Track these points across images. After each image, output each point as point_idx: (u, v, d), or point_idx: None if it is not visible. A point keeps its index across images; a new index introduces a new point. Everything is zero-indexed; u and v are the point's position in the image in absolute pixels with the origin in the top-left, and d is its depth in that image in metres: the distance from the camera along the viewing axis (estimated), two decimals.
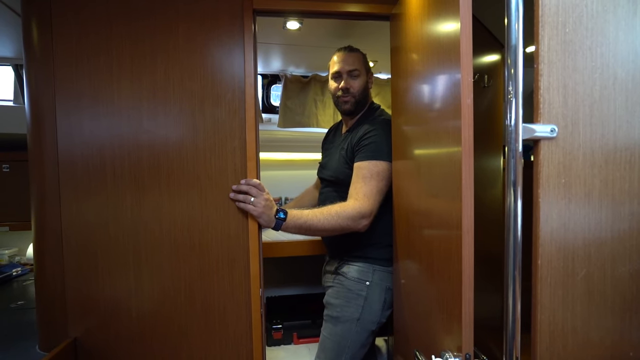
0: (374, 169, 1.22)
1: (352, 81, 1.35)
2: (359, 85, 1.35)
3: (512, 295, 0.68)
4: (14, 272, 1.94)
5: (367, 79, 1.39)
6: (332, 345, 1.30)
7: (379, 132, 1.26)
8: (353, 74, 1.35)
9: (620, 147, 0.67)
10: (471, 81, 0.74)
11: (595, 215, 0.66)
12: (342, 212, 1.17)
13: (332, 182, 1.40)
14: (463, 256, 0.74)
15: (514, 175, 0.65)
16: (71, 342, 1.13)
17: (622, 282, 0.67)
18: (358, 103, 1.37)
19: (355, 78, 1.35)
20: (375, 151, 1.23)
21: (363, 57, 1.39)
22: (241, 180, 1.17)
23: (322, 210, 1.19)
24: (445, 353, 0.80)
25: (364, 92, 1.38)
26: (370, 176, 1.21)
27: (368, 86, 1.39)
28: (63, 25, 1.12)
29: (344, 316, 1.30)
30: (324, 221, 1.16)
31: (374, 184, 1.21)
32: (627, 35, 0.65)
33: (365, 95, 1.39)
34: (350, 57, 1.36)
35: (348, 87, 1.34)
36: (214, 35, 1.17)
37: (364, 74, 1.37)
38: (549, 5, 0.64)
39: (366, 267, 1.31)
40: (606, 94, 0.66)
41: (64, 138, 1.14)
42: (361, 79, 1.36)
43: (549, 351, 0.66)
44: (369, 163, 1.23)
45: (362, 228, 1.20)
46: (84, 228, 1.15)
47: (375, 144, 1.24)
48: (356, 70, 1.35)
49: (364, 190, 1.20)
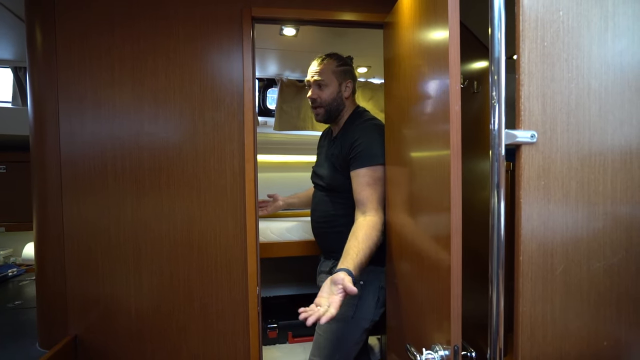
0: (375, 174, 1.24)
1: (319, 91, 1.36)
2: (327, 95, 1.36)
3: (495, 291, 0.72)
4: (10, 273, 1.94)
5: (338, 87, 1.38)
6: (326, 343, 1.33)
7: (369, 136, 1.28)
8: (319, 83, 1.36)
9: (595, 151, 0.72)
10: (459, 89, 0.78)
11: (572, 214, 0.71)
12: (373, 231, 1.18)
13: (324, 188, 1.43)
14: (452, 254, 0.78)
15: (497, 178, 0.69)
16: (71, 339, 1.16)
17: (597, 276, 0.72)
18: (329, 112, 1.38)
19: (322, 88, 1.36)
20: (371, 156, 1.25)
21: (337, 64, 1.38)
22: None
23: (363, 240, 1.15)
24: (435, 346, 0.84)
25: (335, 101, 1.37)
26: (374, 182, 1.24)
27: (341, 95, 1.38)
28: (66, 30, 1.15)
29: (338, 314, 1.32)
30: (374, 248, 1.17)
31: (380, 191, 1.24)
32: (599, 49, 0.71)
33: (337, 104, 1.38)
34: (319, 67, 1.37)
35: (315, 97, 1.37)
36: (214, 40, 1.21)
37: (333, 82, 1.36)
38: (528, 20, 0.69)
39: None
40: (581, 103, 0.71)
41: (66, 140, 1.16)
42: (329, 88, 1.36)
43: (530, 341, 0.71)
44: (368, 170, 1.25)
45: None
46: (85, 228, 1.18)
47: (369, 149, 1.26)
48: (322, 81, 1.35)
49: (376, 198, 1.23)
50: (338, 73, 1.38)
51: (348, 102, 1.41)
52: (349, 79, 1.41)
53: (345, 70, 1.40)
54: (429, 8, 0.89)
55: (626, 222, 0.73)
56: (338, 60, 1.40)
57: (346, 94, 1.39)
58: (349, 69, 1.42)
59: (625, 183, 0.73)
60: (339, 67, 1.38)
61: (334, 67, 1.38)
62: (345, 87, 1.39)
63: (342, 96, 1.39)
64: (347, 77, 1.40)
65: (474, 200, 1.34)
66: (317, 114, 1.41)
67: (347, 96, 1.40)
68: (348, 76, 1.40)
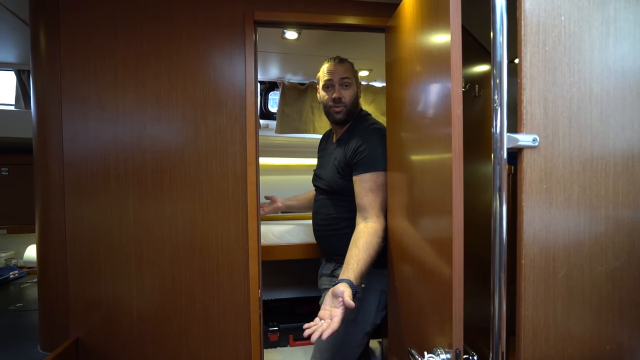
0: (378, 180, 1.25)
1: (344, 91, 1.37)
2: (351, 95, 1.37)
3: (498, 294, 0.72)
4: (11, 275, 1.95)
5: (357, 88, 1.42)
6: (326, 346, 1.33)
7: (373, 142, 1.29)
8: (345, 82, 1.36)
9: (597, 155, 0.72)
10: (461, 92, 0.79)
11: (574, 218, 0.72)
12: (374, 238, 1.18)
13: (326, 191, 1.43)
14: (453, 257, 0.78)
15: (499, 181, 0.70)
16: (73, 342, 1.16)
17: (599, 280, 0.72)
18: (349, 113, 1.38)
19: (347, 87, 1.37)
20: (374, 162, 1.26)
21: (352, 67, 1.41)
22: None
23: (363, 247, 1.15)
24: (437, 349, 0.84)
25: (355, 101, 1.40)
26: (377, 188, 1.25)
27: (358, 96, 1.43)
28: (69, 33, 1.16)
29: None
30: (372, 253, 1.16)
31: (383, 196, 1.24)
32: (601, 54, 0.71)
33: (356, 105, 1.41)
34: (342, 67, 1.37)
35: (340, 97, 1.35)
36: (216, 43, 1.22)
37: (354, 83, 1.40)
38: (530, 25, 0.69)
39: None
40: (583, 107, 0.71)
41: (69, 142, 1.17)
42: (352, 88, 1.38)
43: (532, 344, 0.71)
44: (371, 175, 1.25)
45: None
46: (88, 230, 1.18)
47: (372, 155, 1.27)
48: (348, 79, 1.36)
49: (378, 204, 1.24)
50: (356, 74, 1.43)
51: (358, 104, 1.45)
52: (360, 82, 1.46)
53: (357, 74, 1.45)
54: (430, 12, 0.89)
55: (628, 226, 0.73)
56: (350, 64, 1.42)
57: (359, 95, 1.44)
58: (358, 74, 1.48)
59: (627, 187, 0.73)
60: (354, 69, 1.43)
61: (352, 68, 1.41)
62: (360, 89, 1.44)
63: (359, 97, 1.43)
64: (359, 80, 1.45)
65: (476, 203, 1.34)
66: (338, 113, 1.38)
67: (359, 97, 1.44)
68: (359, 80, 1.46)
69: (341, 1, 1.30)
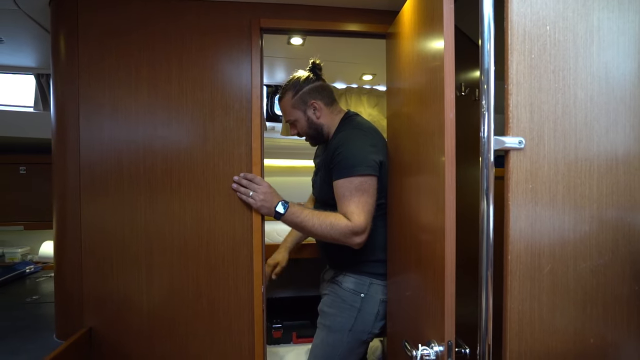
0: (350, 185, 1.21)
1: (294, 129, 1.43)
2: (302, 127, 1.40)
3: (485, 289, 0.76)
4: (27, 270, 2.03)
5: (305, 116, 1.38)
6: (322, 354, 1.35)
7: (347, 145, 1.26)
8: (289, 121, 1.42)
9: (581, 157, 0.76)
10: (453, 97, 0.83)
11: (558, 217, 0.75)
12: (336, 225, 1.19)
13: (318, 200, 1.46)
14: (446, 254, 0.82)
15: (487, 182, 0.74)
16: (87, 332, 1.22)
17: (583, 276, 0.76)
18: (315, 138, 1.42)
19: (294, 124, 1.41)
20: (346, 168, 1.22)
21: (292, 96, 1.38)
22: (240, 173, 1.26)
23: (320, 215, 1.23)
24: (430, 342, 0.88)
25: (310, 128, 1.39)
26: (349, 193, 1.21)
27: (312, 120, 1.38)
28: (88, 41, 1.23)
29: (336, 326, 1.32)
30: (317, 227, 1.21)
31: (356, 200, 1.20)
32: (585, 61, 0.75)
33: (314, 128, 1.39)
34: (282, 108, 1.43)
35: (294, 133, 1.44)
36: (224, 50, 1.28)
37: (298, 115, 1.38)
38: (516, 34, 0.74)
39: (362, 279, 1.33)
40: (568, 111, 0.75)
41: (86, 145, 1.24)
42: (299, 122, 1.39)
43: (518, 337, 0.75)
44: (344, 181, 1.22)
45: (357, 245, 1.21)
46: (102, 227, 1.25)
47: (345, 160, 1.23)
48: (289, 119, 1.41)
49: (351, 208, 1.20)
50: (297, 104, 1.38)
51: (325, 118, 1.39)
52: (311, 99, 1.37)
53: (303, 95, 1.37)
54: (426, 20, 0.94)
55: (612, 225, 0.77)
56: (291, 91, 1.38)
57: (317, 115, 1.38)
58: (307, 89, 1.37)
59: (610, 187, 0.76)
60: (294, 97, 1.38)
61: (290, 102, 1.38)
62: (313, 110, 1.38)
63: (314, 120, 1.38)
64: (309, 99, 1.37)
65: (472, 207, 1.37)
66: (307, 140, 1.46)
67: (318, 117, 1.38)
68: (309, 97, 1.37)
69: (344, 9, 1.35)
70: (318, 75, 1.42)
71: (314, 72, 1.41)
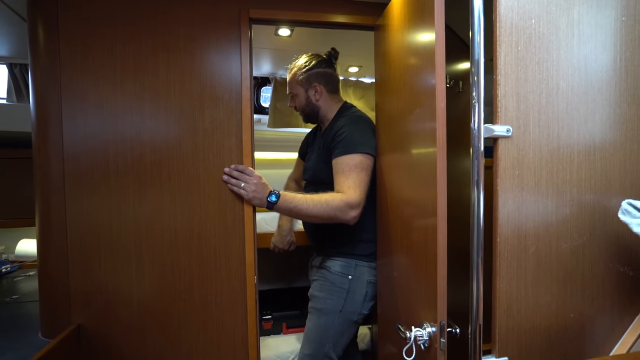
0: (351, 162, 1.26)
1: (293, 101, 1.51)
2: (299, 103, 1.48)
3: (475, 271, 0.81)
4: (3, 269, 1.95)
5: (305, 94, 1.45)
6: (315, 336, 1.38)
7: (350, 127, 1.32)
8: (291, 93, 1.50)
9: (563, 144, 0.81)
10: (444, 87, 0.86)
11: (542, 200, 0.80)
12: (332, 201, 1.23)
13: (311, 182, 1.49)
14: (438, 239, 0.86)
15: (477, 170, 0.78)
16: (75, 329, 1.20)
17: (564, 256, 0.81)
18: (308, 116, 1.50)
19: (294, 98, 1.49)
20: (348, 145, 1.28)
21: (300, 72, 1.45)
22: (231, 165, 1.27)
23: (312, 197, 1.26)
24: (423, 323, 0.92)
25: (307, 106, 1.47)
26: (349, 169, 1.26)
27: (310, 100, 1.45)
28: (69, 27, 1.18)
29: (327, 308, 1.37)
30: (312, 208, 1.24)
31: (354, 176, 1.25)
32: (567, 54, 0.80)
33: (310, 108, 1.47)
34: (288, 79, 1.51)
35: (292, 105, 1.52)
36: (213, 40, 1.26)
37: (300, 91, 1.46)
38: (504, 27, 0.77)
39: (349, 262, 1.38)
40: (551, 101, 0.80)
41: (69, 136, 1.20)
42: (299, 97, 1.47)
43: (506, 314, 0.79)
44: (344, 157, 1.27)
45: (351, 219, 1.24)
46: (88, 221, 1.22)
47: (348, 139, 1.29)
48: (291, 92, 1.49)
49: (347, 183, 1.25)
50: (302, 81, 1.44)
51: (324, 102, 1.45)
52: (316, 82, 1.43)
53: (310, 76, 1.43)
54: (416, 13, 0.97)
55: (590, 208, 0.82)
56: (303, 67, 1.45)
57: (316, 97, 1.44)
58: (315, 72, 1.44)
59: (588, 173, 0.82)
60: (301, 75, 1.44)
61: (297, 77, 1.45)
62: (314, 92, 1.44)
63: (312, 101, 1.45)
64: (314, 81, 1.43)
65: (461, 195, 1.42)
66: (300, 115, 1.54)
67: (317, 99, 1.44)
68: (315, 80, 1.43)
69: (333, 0, 1.36)
70: (331, 63, 1.49)
71: (329, 58, 1.48)
